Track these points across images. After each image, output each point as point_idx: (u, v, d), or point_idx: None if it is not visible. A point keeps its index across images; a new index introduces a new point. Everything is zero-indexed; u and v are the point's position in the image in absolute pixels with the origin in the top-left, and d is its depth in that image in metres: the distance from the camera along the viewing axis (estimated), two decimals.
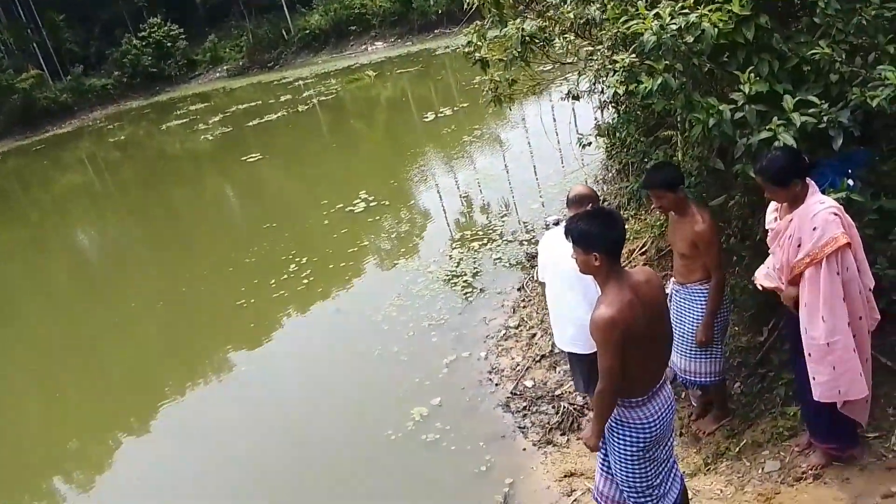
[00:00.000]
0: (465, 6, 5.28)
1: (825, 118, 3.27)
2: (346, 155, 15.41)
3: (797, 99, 3.34)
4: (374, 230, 10.04)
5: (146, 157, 21.41)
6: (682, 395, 4.70)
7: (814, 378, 3.20)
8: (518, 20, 4.83)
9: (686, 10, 3.38)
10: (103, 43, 35.70)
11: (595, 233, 2.74)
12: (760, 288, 3.53)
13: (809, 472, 3.59)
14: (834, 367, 3.10)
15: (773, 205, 3.42)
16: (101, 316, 9.67)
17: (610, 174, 7.81)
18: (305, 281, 8.62)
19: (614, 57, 3.78)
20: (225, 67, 34.72)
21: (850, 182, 3.39)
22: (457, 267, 7.96)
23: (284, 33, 33.41)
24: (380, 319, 7.19)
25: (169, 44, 34.42)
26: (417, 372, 6.09)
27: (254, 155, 16.45)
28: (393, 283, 8.04)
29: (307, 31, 32.50)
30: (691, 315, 4.04)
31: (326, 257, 9.22)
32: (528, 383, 5.50)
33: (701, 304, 3.99)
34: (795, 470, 3.68)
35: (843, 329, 3.06)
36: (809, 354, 3.17)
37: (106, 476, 6.14)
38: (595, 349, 3.64)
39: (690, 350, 4.11)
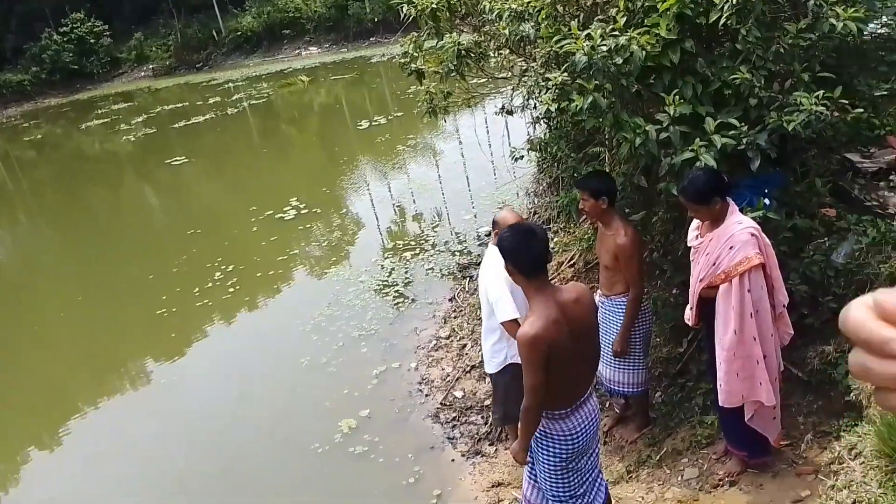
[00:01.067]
0: (402, 16, 5.30)
1: (744, 140, 3.44)
2: (277, 161, 15.13)
3: (718, 121, 3.50)
4: (305, 238, 9.88)
5: (64, 158, 20.41)
6: (607, 405, 4.82)
7: (720, 385, 3.37)
8: (454, 33, 4.87)
9: (616, 33, 3.50)
10: (20, 37, 33.77)
11: (513, 248, 2.76)
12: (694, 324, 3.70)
13: (726, 478, 3.74)
14: (738, 374, 3.28)
15: (695, 222, 3.56)
16: (9, 325, 9.12)
17: (541, 187, 7.95)
18: (231, 290, 8.38)
19: (547, 75, 3.86)
20: (151, 67, 33.51)
21: (767, 202, 3.58)
22: (388, 276, 7.92)
23: (215, 34, 32.56)
24: (308, 329, 7.07)
25: (92, 40, 32.93)
26: (346, 383, 6.01)
27: (179, 158, 15.93)
28: (323, 292, 7.92)
29: (239, 33, 31.76)
30: (614, 327, 4.15)
31: (254, 265, 9.00)
32: (458, 394, 5.52)
33: (623, 316, 4.11)
34: (713, 477, 3.83)
35: (749, 341, 3.24)
36: (720, 363, 3.34)
37: (12, 497, 5.77)
38: (495, 369, 3.88)
39: (615, 360, 4.22)
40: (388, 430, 5.34)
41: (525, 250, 2.74)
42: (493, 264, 3.74)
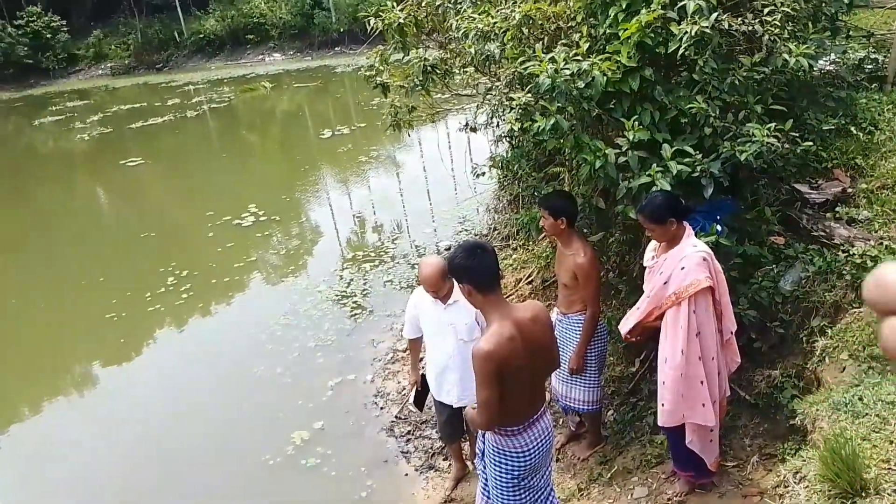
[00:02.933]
0: (369, 29, 5.31)
1: (698, 168, 3.54)
2: (237, 166, 14.93)
3: (675, 148, 3.60)
4: (263, 245, 9.75)
5: (13, 154, 19.75)
6: (560, 422, 4.86)
7: (662, 405, 3.46)
8: (420, 49, 4.91)
9: (579, 58, 3.58)
10: None
11: (466, 265, 2.78)
12: (624, 336, 3.77)
13: (674, 498, 3.81)
14: (682, 394, 3.37)
15: (652, 243, 3.64)
16: None
17: (501, 204, 8.02)
18: (185, 295, 8.22)
19: (511, 95, 3.92)
20: (109, 65, 32.80)
21: (719, 228, 3.69)
22: (347, 287, 7.88)
23: (177, 35, 32.07)
24: (264, 339, 6.97)
25: (49, 35, 32.06)
26: (300, 394, 5.94)
27: (135, 159, 15.59)
28: (280, 301, 7.82)
29: (201, 36, 31.33)
30: (571, 344, 4.20)
31: (209, 271, 8.84)
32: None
33: (580, 334, 4.17)
34: (661, 496, 3.89)
35: (695, 362, 3.34)
36: (664, 382, 3.43)
37: None
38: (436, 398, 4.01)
39: (570, 377, 4.28)
40: (341, 443, 5.29)
41: (478, 266, 2.76)
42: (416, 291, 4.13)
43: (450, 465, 4.87)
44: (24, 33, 31.58)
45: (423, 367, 4.44)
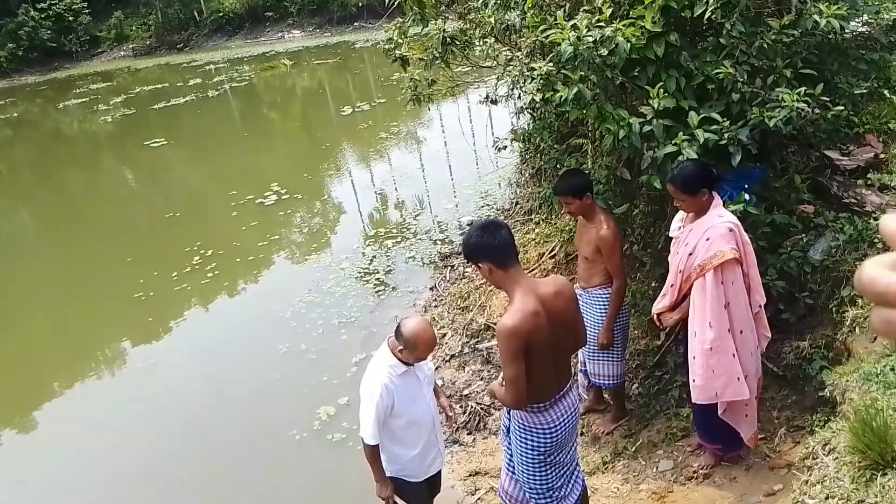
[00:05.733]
0: (387, 2, 5.24)
1: (726, 135, 3.46)
2: (259, 145, 14.97)
3: (701, 116, 3.51)
4: (286, 224, 9.80)
5: (41, 137, 20.03)
6: (587, 396, 4.84)
7: (693, 380, 3.38)
8: (439, 20, 4.83)
9: (602, 24, 3.49)
10: None
11: (480, 243, 2.74)
12: (657, 322, 3.70)
13: (700, 471, 3.78)
14: (713, 370, 3.28)
15: (679, 214, 3.57)
16: None
17: (523, 178, 7.94)
18: (210, 274, 8.30)
19: (532, 64, 3.85)
20: (131, 46, 32.93)
21: (747, 197, 3.60)
22: (370, 264, 7.89)
23: (196, 14, 32.05)
24: (288, 316, 7.02)
25: (71, 18, 32.22)
26: (325, 370, 5.99)
27: (158, 140, 15.71)
28: (303, 278, 7.87)
29: (220, 14, 31.27)
30: (592, 319, 4.16)
31: (234, 250, 8.91)
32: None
33: (601, 308, 4.12)
34: (687, 469, 3.87)
35: (724, 335, 3.24)
36: (694, 357, 3.34)
37: None
38: None
39: (592, 352, 4.25)
40: None
41: (492, 241, 2.72)
42: (375, 372, 3.29)
43: (474, 439, 4.89)
44: (47, 17, 31.75)
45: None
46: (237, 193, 10.81)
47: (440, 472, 3.72)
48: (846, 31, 4.05)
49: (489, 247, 2.73)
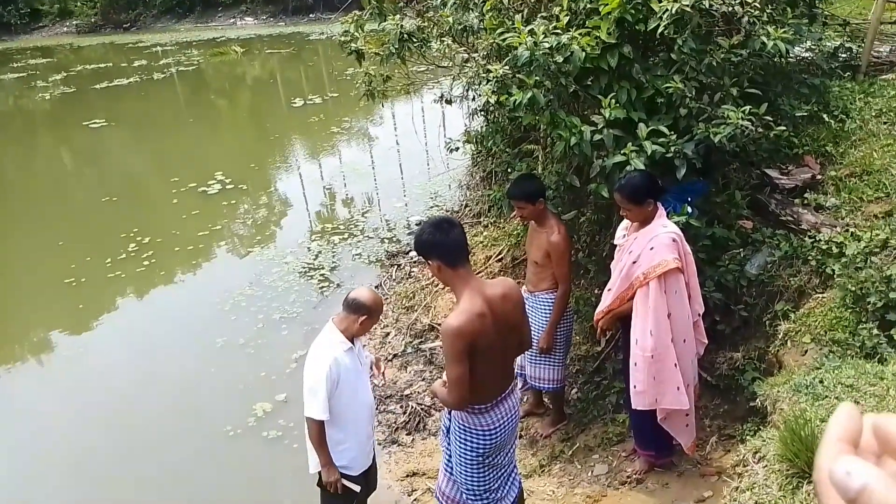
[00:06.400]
0: None
1: (672, 148, 3.53)
2: (204, 132, 14.58)
3: (650, 128, 3.58)
4: (229, 214, 9.55)
5: None
6: (524, 399, 4.87)
7: (634, 387, 3.44)
8: (398, 16, 4.80)
9: (558, 31, 3.52)
10: None
11: (434, 240, 2.73)
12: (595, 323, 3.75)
13: (633, 476, 3.85)
14: (654, 377, 3.35)
15: (624, 222, 3.63)
16: None
17: (474, 180, 7.97)
18: (146, 262, 8.02)
19: (488, 66, 3.85)
20: (74, 23, 31.67)
21: (690, 209, 3.69)
22: (315, 260, 7.77)
23: None
24: (227, 309, 6.85)
25: None
26: (264, 366, 5.86)
27: (98, 121, 15.12)
28: (245, 271, 7.68)
29: None
30: (537, 322, 4.19)
31: (173, 239, 8.63)
32: (378, 382, 5.45)
33: (546, 312, 4.16)
34: (621, 474, 3.94)
35: (666, 344, 3.30)
36: (635, 364, 3.40)
37: None
38: (314, 469, 3.32)
39: (533, 356, 4.28)
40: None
41: (446, 239, 2.71)
42: (322, 350, 3.22)
43: (413, 439, 4.86)
44: None
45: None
46: (179, 180, 10.48)
47: (376, 467, 3.67)
48: (791, 55, 4.20)
49: (441, 244, 2.71)
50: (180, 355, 6.26)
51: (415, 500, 4.31)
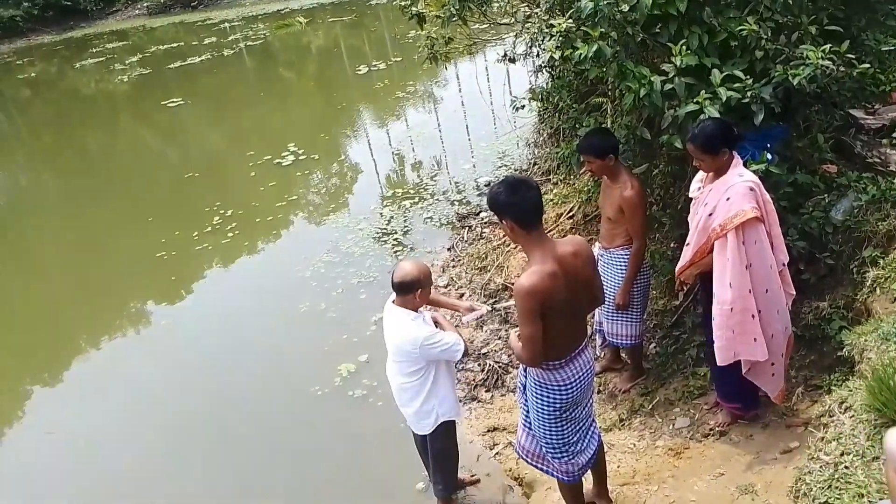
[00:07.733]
0: None
1: (749, 93, 3.40)
2: (275, 105, 14.93)
3: (724, 73, 3.45)
4: (303, 184, 9.84)
5: (59, 97, 20.08)
6: (602, 354, 4.89)
7: (715, 342, 3.37)
8: None
9: None
10: None
11: (510, 202, 2.75)
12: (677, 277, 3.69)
13: (716, 428, 3.83)
14: (733, 330, 3.27)
15: (699, 174, 3.54)
16: (9, 266, 9.15)
17: (541, 138, 7.88)
18: (230, 234, 8.40)
19: (551, 21, 3.79)
20: (145, 4, 32.66)
21: (769, 156, 3.56)
22: (387, 225, 7.93)
23: None
24: (308, 276, 7.11)
25: None
26: (345, 329, 6.08)
27: (175, 100, 15.72)
28: (322, 239, 7.94)
29: None
30: (613, 279, 4.18)
31: (252, 210, 8.98)
32: (465, 320, 5.56)
33: (622, 269, 4.13)
34: (703, 427, 3.92)
35: (744, 296, 3.20)
36: (715, 318, 3.34)
37: (16, 429, 5.90)
38: (427, 430, 3.63)
39: (613, 313, 4.27)
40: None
41: (521, 202, 2.74)
42: (407, 327, 3.43)
43: (492, 396, 4.97)
44: None
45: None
46: (255, 154, 10.84)
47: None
48: None
49: (516, 205, 2.74)
50: (267, 321, 6.57)
51: (496, 453, 4.43)
